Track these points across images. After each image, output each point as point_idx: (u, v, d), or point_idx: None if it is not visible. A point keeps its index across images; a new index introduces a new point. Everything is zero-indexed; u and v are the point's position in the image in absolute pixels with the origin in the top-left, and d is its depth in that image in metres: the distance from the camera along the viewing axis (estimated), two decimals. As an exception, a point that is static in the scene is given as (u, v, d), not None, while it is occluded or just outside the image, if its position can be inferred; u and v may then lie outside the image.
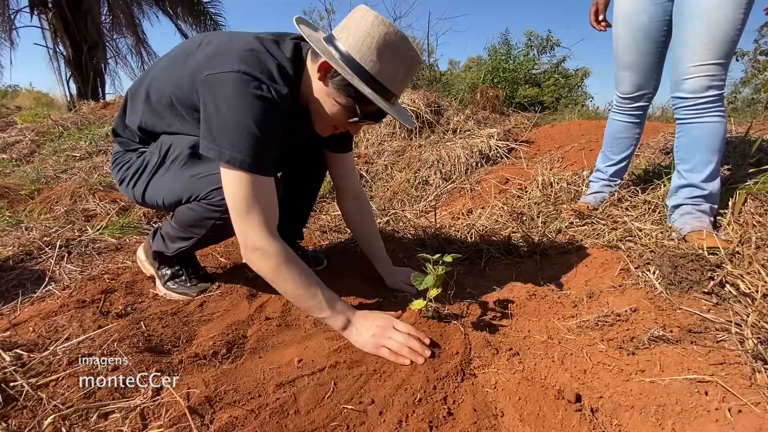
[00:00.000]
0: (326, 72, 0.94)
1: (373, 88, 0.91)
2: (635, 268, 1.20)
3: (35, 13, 8.72)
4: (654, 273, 1.15)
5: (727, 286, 1.06)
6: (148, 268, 1.32)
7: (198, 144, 1.00)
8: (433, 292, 1.02)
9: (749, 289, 1.03)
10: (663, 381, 0.78)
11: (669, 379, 0.78)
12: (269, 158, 0.92)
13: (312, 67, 0.97)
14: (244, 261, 0.96)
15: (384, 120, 3.57)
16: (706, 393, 0.74)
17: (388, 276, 1.33)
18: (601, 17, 1.66)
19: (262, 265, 0.94)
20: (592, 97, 10.95)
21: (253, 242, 0.92)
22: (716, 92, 1.33)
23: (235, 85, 0.87)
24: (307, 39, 0.92)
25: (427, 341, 0.95)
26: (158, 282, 1.27)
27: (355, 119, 0.98)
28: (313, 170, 1.38)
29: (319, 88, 0.97)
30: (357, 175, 1.37)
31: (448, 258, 1.02)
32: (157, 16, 9.60)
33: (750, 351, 0.82)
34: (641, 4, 1.48)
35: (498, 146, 3.04)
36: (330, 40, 0.94)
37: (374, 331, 0.95)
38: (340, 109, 0.97)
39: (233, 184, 0.90)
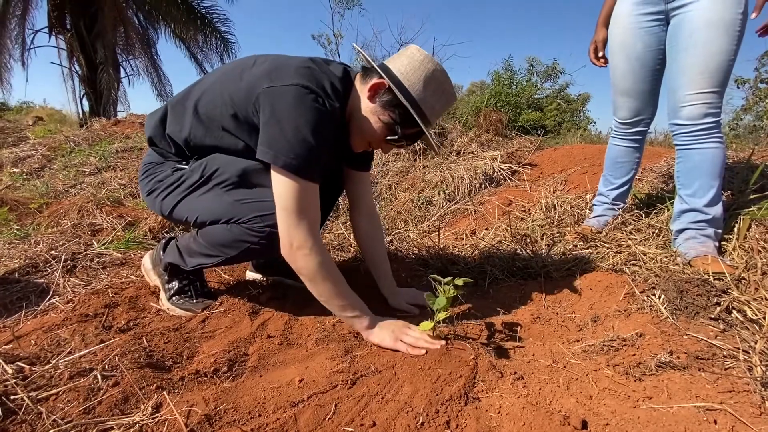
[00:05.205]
0: (376, 92, 1.04)
1: (416, 112, 1.02)
2: (640, 293, 1.19)
3: (53, 33, 9.07)
4: (659, 298, 1.14)
5: (734, 312, 1.05)
6: (153, 278, 1.33)
7: (248, 170, 1.07)
8: (442, 315, 1.02)
9: (756, 315, 1.02)
10: (671, 408, 0.77)
11: (677, 406, 0.77)
12: (319, 166, 0.99)
13: (362, 88, 1.07)
14: (285, 258, 1.02)
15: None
16: (716, 421, 0.72)
17: (392, 296, 1.33)
18: (600, 54, 1.72)
19: (306, 262, 1.00)
20: (595, 122, 11.10)
21: (301, 242, 0.98)
22: (713, 119, 1.36)
23: (294, 97, 0.95)
24: (370, 61, 1.06)
25: (435, 339, 1.03)
26: (163, 295, 1.27)
27: (394, 138, 1.07)
28: (333, 187, 1.40)
29: (366, 106, 1.07)
30: (372, 194, 1.40)
31: (459, 281, 1.03)
32: (177, 40, 9.91)
33: (759, 379, 0.80)
34: (636, 34, 1.53)
35: (501, 168, 3.07)
36: (383, 67, 1.06)
37: (393, 329, 1.05)
38: (382, 126, 1.06)
39: (286, 187, 0.96)
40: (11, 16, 8.44)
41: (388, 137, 1.07)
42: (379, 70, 1.03)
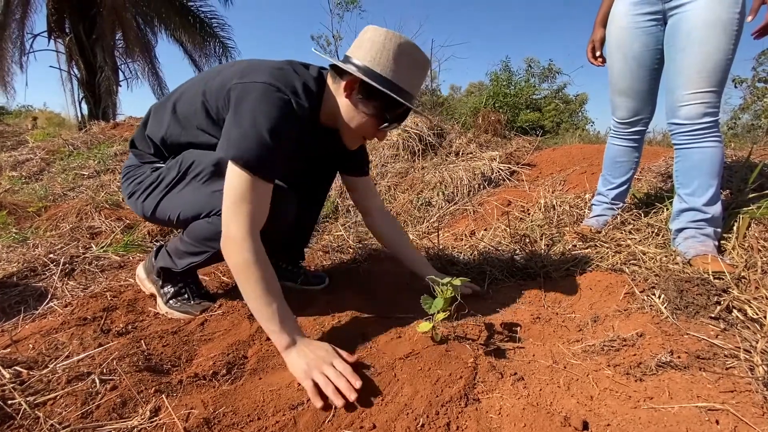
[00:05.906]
0: (352, 89, 1.03)
1: (396, 92, 1.00)
2: (640, 292, 1.19)
3: (52, 37, 9.08)
4: (659, 297, 1.13)
5: (735, 311, 1.05)
6: (148, 287, 1.32)
7: (222, 160, 1.05)
8: (440, 316, 1.01)
9: (757, 314, 1.02)
10: (672, 409, 0.76)
11: (678, 406, 0.76)
12: (275, 165, 0.97)
13: (336, 88, 1.07)
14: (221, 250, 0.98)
15: (387, 142, 3.63)
16: (717, 422, 0.72)
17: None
18: (598, 53, 1.72)
19: (234, 256, 0.93)
20: (593, 122, 11.12)
21: (234, 233, 0.92)
22: (711, 119, 1.36)
23: (259, 94, 0.95)
24: (331, 59, 1.06)
25: (358, 384, 0.84)
26: (160, 300, 1.26)
27: (385, 124, 1.07)
28: (319, 190, 1.41)
29: (345, 105, 1.06)
30: (379, 195, 1.41)
31: (456, 281, 1.02)
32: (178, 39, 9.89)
33: (761, 378, 0.80)
34: (634, 34, 1.53)
35: (500, 169, 3.07)
36: (347, 59, 1.04)
37: (309, 360, 0.89)
38: (368, 119, 1.06)
39: (236, 180, 0.93)
40: (10, 20, 8.46)
41: (380, 126, 1.08)
42: (346, 66, 1.02)
